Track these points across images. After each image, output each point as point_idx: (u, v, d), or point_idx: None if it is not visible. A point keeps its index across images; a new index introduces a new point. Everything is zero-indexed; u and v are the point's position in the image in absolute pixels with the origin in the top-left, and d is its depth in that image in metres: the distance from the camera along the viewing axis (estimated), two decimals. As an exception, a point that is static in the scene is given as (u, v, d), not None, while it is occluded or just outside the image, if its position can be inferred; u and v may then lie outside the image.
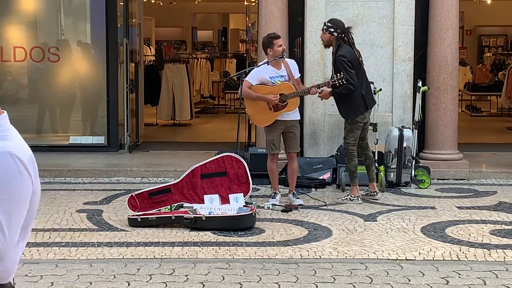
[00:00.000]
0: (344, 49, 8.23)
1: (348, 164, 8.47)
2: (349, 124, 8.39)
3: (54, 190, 9.06)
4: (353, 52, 8.29)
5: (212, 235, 7.05)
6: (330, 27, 8.34)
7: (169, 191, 7.68)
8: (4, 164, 2.45)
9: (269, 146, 8.30)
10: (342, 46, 8.25)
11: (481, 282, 5.71)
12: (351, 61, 8.18)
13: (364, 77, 8.43)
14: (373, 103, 8.57)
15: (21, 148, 2.52)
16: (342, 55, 8.18)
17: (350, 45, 8.32)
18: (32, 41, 11.70)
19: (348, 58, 8.17)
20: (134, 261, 6.22)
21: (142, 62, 14.28)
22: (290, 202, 8.25)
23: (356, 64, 8.26)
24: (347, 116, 8.41)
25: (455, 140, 10.10)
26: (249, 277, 5.81)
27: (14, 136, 2.57)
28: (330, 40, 8.35)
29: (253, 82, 8.19)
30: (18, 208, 2.46)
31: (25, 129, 11.49)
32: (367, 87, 8.49)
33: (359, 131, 8.44)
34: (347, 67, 8.12)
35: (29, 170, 2.50)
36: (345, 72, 8.12)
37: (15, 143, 2.52)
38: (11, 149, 2.48)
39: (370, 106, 8.47)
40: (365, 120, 8.47)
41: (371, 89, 8.67)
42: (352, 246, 6.72)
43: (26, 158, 2.51)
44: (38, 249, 6.56)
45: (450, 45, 9.92)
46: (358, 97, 8.28)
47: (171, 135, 13.97)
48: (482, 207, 8.32)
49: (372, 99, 8.55)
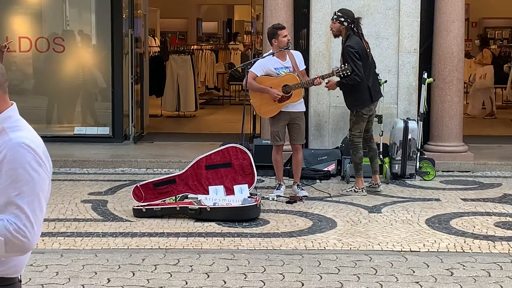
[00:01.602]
0: (352, 40, 8.20)
1: (353, 156, 8.46)
2: (355, 116, 8.38)
3: (59, 181, 9.07)
4: (361, 43, 8.25)
5: (217, 226, 7.06)
6: (340, 16, 8.30)
7: (174, 182, 7.69)
8: (21, 155, 2.45)
9: (273, 137, 8.29)
10: (351, 37, 8.23)
11: (485, 274, 5.71)
12: (359, 52, 8.14)
13: (371, 69, 8.40)
14: (379, 95, 8.54)
15: (35, 139, 2.53)
16: (350, 46, 8.15)
17: (359, 36, 8.28)
18: (37, 32, 11.69)
19: (356, 49, 8.13)
20: (139, 252, 6.24)
21: (147, 53, 14.27)
22: (295, 193, 8.25)
23: (364, 56, 8.23)
24: (352, 108, 8.39)
25: (460, 132, 10.09)
26: (254, 268, 5.82)
27: (26, 127, 2.57)
28: (339, 30, 8.31)
29: (258, 73, 8.18)
30: (39, 198, 2.47)
31: (30, 119, 11.37)
32: (374, 80, 8.45)
33: (364, 123, 8.43)
34: (355, 58, 8.09)
35: (44, 161, 2.51)
36: (352, 63, 8.09)
37: (29, 135, 2.53)
38: (26, 140, 2.48)
39: (375, 99, 8.44)
40: (370, 113, 8.44)
41: (378, 82, 8.63)
42: (356, 237, 6.72)
43: (41, 149, 2.52)
44: (43, 239, 6.57)
45: (455, 37, 9.89)
46: (365, 89, 8.25)
47: (175, 126, 13.97)
48: (486, 199, 8.31)
49: (378, 91, 8.52)
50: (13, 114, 2.59)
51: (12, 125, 2.55)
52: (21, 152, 2.46)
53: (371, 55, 8.48)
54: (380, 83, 9.02)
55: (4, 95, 2.56)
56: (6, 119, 2.55)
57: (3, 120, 2.54)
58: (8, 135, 2.50)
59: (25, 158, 2.46)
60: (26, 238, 2.43)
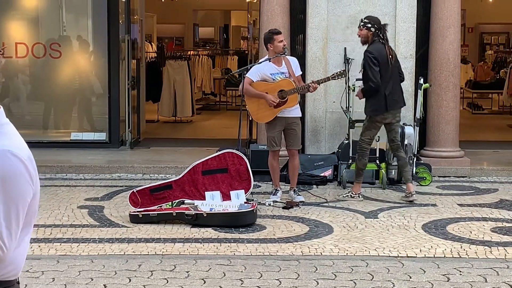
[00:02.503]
0: (373, 46, 8.18)
1: (358, 161, 8.42)
2: (367, 121, 8.37)
3: (56, 186, 9.06)
4: (383, 50, 8.18)
5: (213, 231, 7.06)
6: (367, 23, 8.28)
7: (170, 187, 7.69)
8: (4, 163, 2.41)
9: (270, 143, 8.30)
10: (374, 43, 8.20)
11: (482, 279, 5.71)
12: (377, 58, 8.09)
13: (392, 77, 8.27)
14: (397, 105, 8.33)
15: (20, 146, 2.48)
16: (368, 51, 8.15)
17: (383, 43, 8.23)
18: (34, 37, 11.69)
19: (374, 55, 8.09)
20: (135, 257, 6.23)
21: (143, 59, 14.27)
22: (292, 199, 8.25)
23: (384, 63, 8.15)
24: (366, 112, 8.38)
25: (456, 137, 10.10)
26: (250, 273, 5.81)
27: (12, 132, 2.52)
28: (367, 36, 8.26)
29: (254, 78, 8.19)
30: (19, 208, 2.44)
31: (26, 125, 11.52)
32: (395, 89, 8.29)
33: (376, 131, 8.39)
34: (371, 64, 8.06)
35: (29, 169, 2.47)
36: (368, 68, 8.09)
37: (14, 141, 2.48)
38: (10, 148, 2.44)
39: (391, 107, 8.24)
40: (386, 121, 8.32)
41: (399, 91, 8.41)
42: (353, 243, 6.72)
43: (25, 156, 2.48)
44: (39, 245, 6.56)
45: (451, 43, 9.91)
46: (381, 97, 8.17)
47: (172, 132, 13.97)
48: (483, 204, 8.32)
49: (397, 101, 8.31)
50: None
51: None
52: (6, 160, 2.42)
53: (396, 64, 8.36)
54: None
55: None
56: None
57: None
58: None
59: (8, 165, 2.43)
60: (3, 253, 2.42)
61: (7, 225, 2.40)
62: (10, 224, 2.41)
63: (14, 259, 2.52)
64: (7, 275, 2.52)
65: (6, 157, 2.41)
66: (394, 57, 8.37)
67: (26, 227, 2.54)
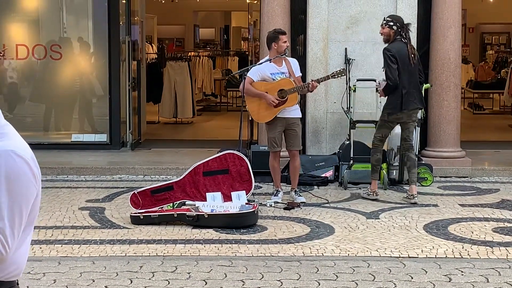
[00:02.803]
0: (393, 44, 8.22)
1: (371, 157, 8.50)
2: (381, 119, 8.45)
3: (57, 188, 9.06)
4: (404, 49, 8.20)
5: (215, 232, 7.05)
6: (389, 21, 8.32)
7: (172, 188, 7.68)
8: (8, 164, 2.41)
9: (270, 143, 8.30)
10: (395, 41, 8.24)
11: (483, 280, 5.71)
12: (395, 56, 8.12)
13: (411, 76, 8.27)
14: (413, 105, 8.30)
15: (22, 146, 2.48)
16: (387, 49, 8.20)
17: (405, 42, 8.25)
18: (34, 39, 11.69)
19: (392, 52, 8.13)
20: (137, 259, 6.22)
21: (144, 60, 14.28)
22: (293, 199, 8.25)
23: (404, 61, 8.17)
24: (382, 110, 8.46)
25: (457, 137, 10.09)
26: (252, 274, 5.81)
27: (13, 133, 2.53)
28: (389, 34, 8.29)
29: (254, 78, 8.20)
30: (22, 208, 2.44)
31: (27, 126, 11.52)
32: (413, 88, 8.27)
33: (388, 130, 8.44)
34: (389, 61, 8.11)
35: (33, 169, 2.47)
36: (386, 66, 8.16)
37: (16, 142, 2.49)
38: (14, 148, 2.44)
39: (406, 107, 8.23)
40: (399, 121, 8.35)
41: (416, 91, 8.37)
42: (354, 243, 6.71)
43: (29, 156, 2.48)
44: (40, 246, 6.56)
45: (452, 43, 9.91)
46: (398, 96, 8.19)
47: (173, 133, 13.97)
48: (484, 204, 8.31)
49: (412, 101, 8.28)
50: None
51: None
52: (7, 161, 2.42)
53: (417, 64, 8.36)
54: (377, 89, 9.02)
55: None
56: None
57: None
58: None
59: (12, 166, 2.42)
60: (6, 253, 2.41)
61: (10, 225, 2.40)
62: (13, 224, 2.41)
63: (16, 259, 2.52)
64: (9, 275, 2.52)
65: (10, 157, 2.41)
66: (416, 56, 8.37)
67: (28, 227, 2.54)
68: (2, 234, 2.39)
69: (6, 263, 2.48)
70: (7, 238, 2.40)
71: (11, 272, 2.52)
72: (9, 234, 2.40)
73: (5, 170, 2.39)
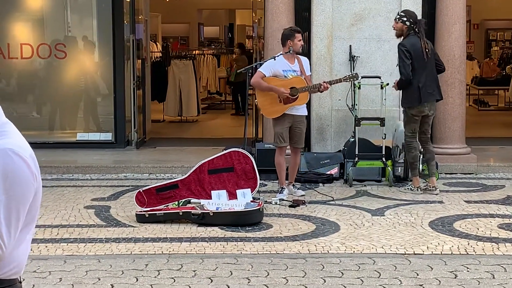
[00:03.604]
0: (407, 39, 8.34)
1: (407, 155, 8.62)
2: (405, 115, 8.56)
3: (62, 187, 9.07)
4: (418, 43, 8.31)
5: (220, 230, 7.05)
6: (403, 16, 8.45)
7: (177, 187, 7.69)
8: (6, 162, 2.41)
9: (277, 138, 8.30)
10: (408, 36, 8.36)
11: (489, 276, 5.70)
12: (410, 51, 8.24)
13: (427, 70, 8.38)
14: (431, 97, 8.44)
15: (22, 145, 2.48)
16: (402, 44, 8.33)
17: (418, 36, 8.35)
18: (39, 38, 11.71)
19: (407, 47, 8.26)
20: (142, 257, 6.23)
21: (148, 59, 14.28)
22: (292, 193, 8.27)
23: (419, 56, 8.29)
24: (401, 105, 8.61)
25: (462, 134, 10.08)
26: (257, 272, 5.81)
27: (13, 132, 2.52)
28: (402, 30, 8.42)
29: (266, 73, 8.23)
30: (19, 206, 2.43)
31: (32, 126, 11.53)
32: (429, 81, 8.40)
33: (416, 124, 8.51)
34: (402, 56, 8.24)
35: (31, 167, 2.47)
36: (399, 60, 8.29)
37: (15, 140, 2.48)
38: (12, 146, 2.43)
39: (425, 100, 8.37)
40: (423, 114, 8.45)
41: (434, 84, 8.50)
42: (360, 240, 6.71)
43: (27, 154, 2.48)
44: (46, 245, 6.57)
45: (457, 39, 9.89)
46: (414, 89, 8.32)
47: (178, 131, 13.98)
48: (490, 201, 8.30)
49: (431, 94, 8.42)
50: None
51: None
52: (5, 159, 2.42)
53: (433, 57, 8.47)
54: (382, 86, 9.03)
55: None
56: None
57: None
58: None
59: (9, 164, 2.42)
60: (2, 251, 2.41)
61: (6, 223, 2.39)
62: (9, 223, 2.40)
63: (16, 257, 2.52)
64: (9, 273, 2.52)
65: (8, 155, 2.40)
66: (430, 50, 8.45)
67: (28, 225, 2.53)
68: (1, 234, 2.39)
69: (5, 261, 2.48)
70: (3, 236, 2.39)
71: (10, 270, 2.52)
72: (5, 232, 2.40)
73: (2, 168, 2.39)
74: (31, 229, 2.57)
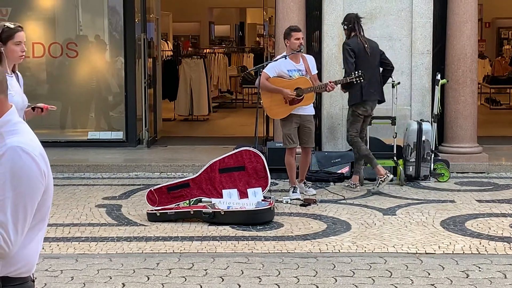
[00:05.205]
0: (351, 39, 8.56)
1: (359, 152, 8.62)
2: (351, 115, 8.64)
3: (73, 185, 9.10)
4: (360, 43, 8.49)
5: (231, 229, 7.06)
6: (342, 22, 8.79)
7: (188, 185, 7.69)
8: (14, 159, 2.43)
9: (286, 139, 8.29)
10: (352, 37, 8.59)
11: (501, 276, 5.68)
12: (354, 50, 8.43)
13: (370, 69, 8.47)
14: (373, 97, 8.58)
15: (31, 143, 2.50)
16: (346, 43, 8.60)
17: (359, 36, 8.55)
18: (51, 37, 11.75)
19: (351, 47, 8.46)
20: (153, 256, 6.24)
21: (160, 57, 14.30)
22: (303, 191, 8.26)
23: (361, 55, 8.46)
24: (348, 103, 8.72)
25: (474, 133, 10.05)
26: (268, 271, 5.81)
27: (25, 130, 2.54)
28: (346, 34, 8.71)
29: (271, 74, 8.21)
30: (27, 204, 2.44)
31: (43, 124, 11.54)
32: (372, 80, 8.52)
33: (360, 124, 8.60)
34: (347, 55, 8.44)
35: (40, 165, 2.48)
36: (344, 60, 8.50)
37: (25, 138, 2.50)
38: (21, 144, 2.45)
39: (367, 97, 8.51)
40: (366, 113, 8.60)
41: (376, 84, 8.62)
42: (371, 240, 6.70)
43: (37, 153, 2.49)
44: (58, 244, 6.59)
45: (469, 38, 9.85)
46: (356, 87, 8.42)
47: (189, 130, 13.99)
48: (502, 200, 8.27)
49: (372, 93, 8.56)
50: (12, 117, 2.55)
51: (10, 129, 2.52)
52: (14, 157, 2.44)
53: (376, 57, 8.59)
54: (393, 84, 9.01)
55: (5, 99, 2.54)
56: (5, 123, 2.53)
57: (2, 124, 2.52)
58: (5, 139, 2.48)
59: (18, 162, 2.44)
60: (8, 248, 2.42)
61: (13, 221, 2.40)
62: (17, 220, 2.41)
63: (26, 256, 2.52)
64: (19, 271, 2.52)
65: (17, 153, 2.42)
66: (372, 49, 8.56)
67: (39, 223, 2.54)
68: (4, 228, 2.40)
69: (14, 259, 2.48)
70: (9, 233, 2.40)
71: (20, 268, 2.52)
72: (12, 229, 2.40)
73: (10, 165, 2.41)
74: (42, 228, 2.58)
